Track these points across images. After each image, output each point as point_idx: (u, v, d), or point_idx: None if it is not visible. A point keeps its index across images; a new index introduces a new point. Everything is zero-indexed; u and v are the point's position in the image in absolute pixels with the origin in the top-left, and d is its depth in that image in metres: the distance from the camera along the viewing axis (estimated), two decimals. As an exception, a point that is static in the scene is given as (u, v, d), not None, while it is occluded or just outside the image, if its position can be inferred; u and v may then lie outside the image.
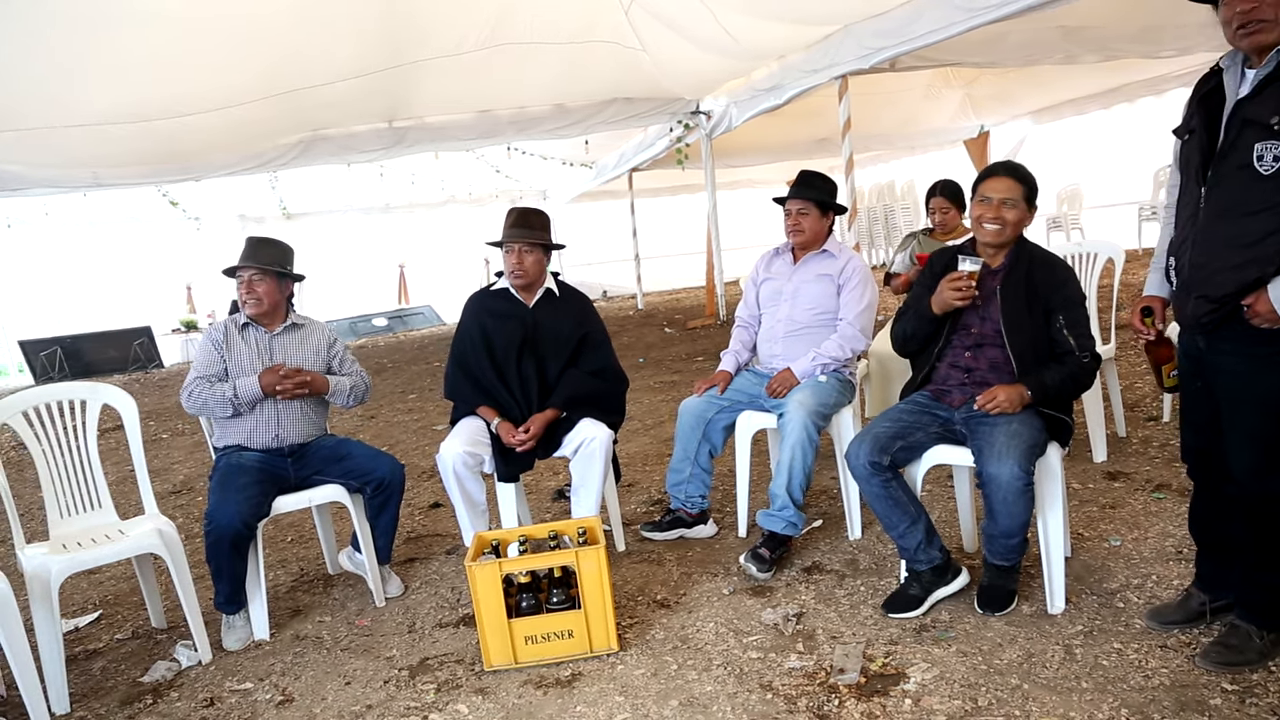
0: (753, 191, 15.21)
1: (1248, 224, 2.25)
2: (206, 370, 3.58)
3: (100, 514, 3.50)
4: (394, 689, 2.92)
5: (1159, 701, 2.38)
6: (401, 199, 15.56)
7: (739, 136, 10.11)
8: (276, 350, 3.68)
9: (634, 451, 5.48)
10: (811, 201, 3.88)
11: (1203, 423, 2.56)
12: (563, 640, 2.94)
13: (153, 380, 11.98)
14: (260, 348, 3.66)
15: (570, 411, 3.70)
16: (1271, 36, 2.22)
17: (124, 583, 4.19)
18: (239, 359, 3.61)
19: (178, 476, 6.28)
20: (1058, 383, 2.90)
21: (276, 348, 3.68)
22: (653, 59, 8.09)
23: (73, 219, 13.24)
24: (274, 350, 3.67)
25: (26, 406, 3.36)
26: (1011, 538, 2.87)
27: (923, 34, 5.97)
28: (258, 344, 3.66)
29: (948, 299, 2.99)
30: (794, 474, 3.50)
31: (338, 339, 3.88)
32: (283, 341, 3.70)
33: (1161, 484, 3.88)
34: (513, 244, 3.71)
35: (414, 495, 5.15)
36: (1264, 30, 2.22)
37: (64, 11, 5.57)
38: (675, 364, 8.50)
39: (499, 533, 3.26)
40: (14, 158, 7.96)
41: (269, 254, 3.66)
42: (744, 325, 4.13)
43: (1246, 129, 2.23)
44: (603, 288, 17.39)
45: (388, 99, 8.27)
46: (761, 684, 2.69)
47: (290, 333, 3.73)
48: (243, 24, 6.17)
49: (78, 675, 3.28)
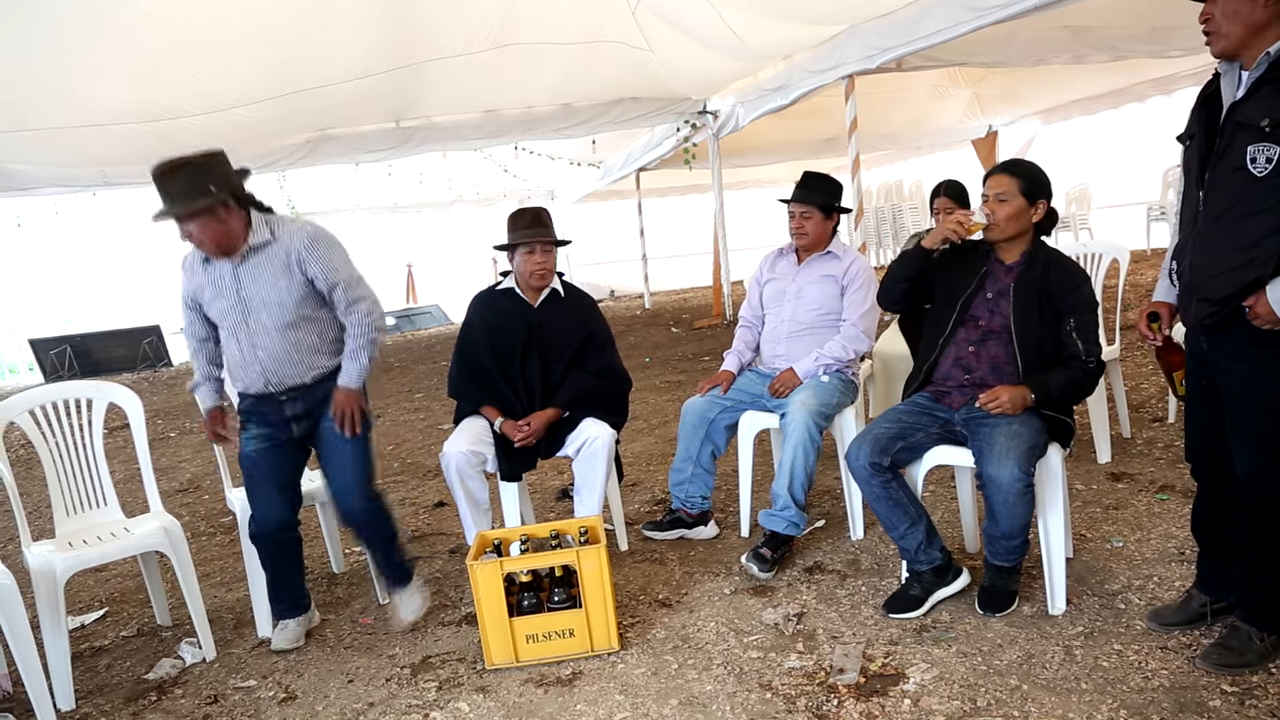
0: (760, 191, 15.20)
1: (1245, 226, 2.26)
2: (190, 335, 3.28)
3: (106, 512, 3.52)
4: (396, 687, 2.94)
5: (1158, 703, 2.38)
6: (409, 198, 15.60)
7: (746, 136, 10.10)
8: (245, 283, 3.08)
9: (638, 451, 5.48)
10: (814, 205, 3.88)
11: (1206, 422, 2.56)
12: (564, 639, 2.95)
13: (161, 379, 12.04)
14: (224, 285, 3.11)
15: (573, 411, 3.71)
16: (1219, 46, 2.29)
17: (129, 580, 4.21)
18: (211, 302, 3.16)
19: (184, 475, 6.31)
20: (1061, 386, 2.89)
21: (245, 280, 3.09)
22: (659, 59, 8.09)
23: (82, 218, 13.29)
24: (242, 284, 3.09)
25: (33, 405, 3.38)
26: (1012, 539, 2.87)
27: (929, 34, 5.95)
28: (223, 279, 3.12)
29: (942, 232, 3.00)
30: (796, 474, 3.51)
31: (318, 243, 3.11)
32: (251, 272, 3.08)
33: (1165, 485, 3.87)
34: (534, 243, 3.69)
35: (418, 494, 5.18)
36: (1214, 39, 2.29)
37: (73, 13, 5.60)
38: (681, 364, 8.50)
39: (501, 532, 3.27)
40: (24, 157, 8.02)
41: (181, 187, 2.96)
42: (747, 325, 4.14)
43: (1240, 132, 2.24)
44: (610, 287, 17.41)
45: (395, 99, 8.29)
46: (761, 683, 2.69)
47: (256, 257, 3.08)
48: (251, 25, 6.20)
49: (83, 672, 3.30)
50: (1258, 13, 2.22)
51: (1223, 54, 2.31)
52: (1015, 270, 3.02)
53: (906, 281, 3.14)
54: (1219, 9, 2.26)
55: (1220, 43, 2.28)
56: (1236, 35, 2.25)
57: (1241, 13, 2.22)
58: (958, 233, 2.97)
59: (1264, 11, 2.21)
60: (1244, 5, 2.22)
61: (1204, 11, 2.31)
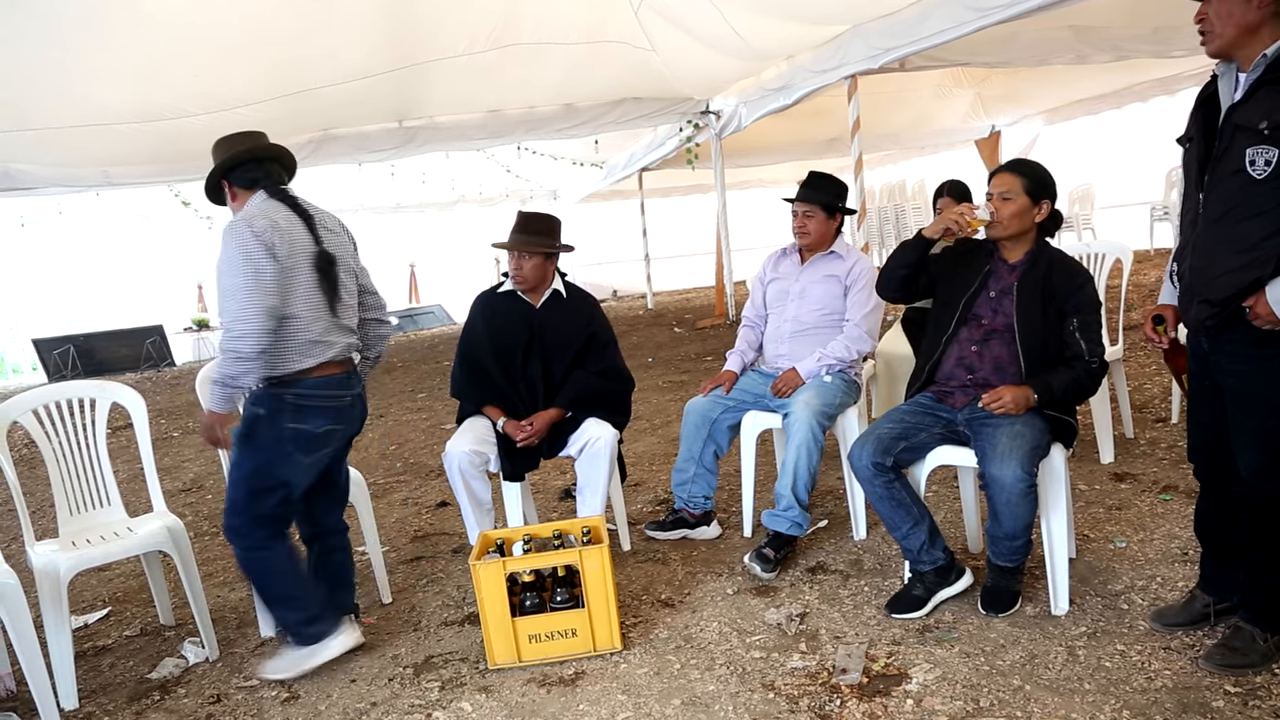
0: (763, 191, 15.18)
1: (1244, 228, 2.26)
2: None
3: (109, 511, 3.53)
4: (398, 686, 2.94)
5: (1161, 703, 2.38)
6: (412, 198, 15.59)
7: (749, 136, 10.10)
8: None
9: (641, 451, 5.48)
10: (818, 204, 3.88)
11: (1209, 423, 2.56)
12: (566, 639, 2.95)
13: (165, 379, 12.05)
14: None
15: (575, 411, 3.71)
16: (1213, 46, 2.30)
17: (133, 580, 4.22)
18: None
19: (188, 474, 6.32)
20: (1064, 386, 2.89)
21: None
22: (662, 59, 8.09)
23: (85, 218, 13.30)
24: None
25: (37, 405, 3.39)
26: (1015, 539, 2.87)
27: (932, 34, 5.94)
28: None
29: (944, 221, 3.00)
30: (799, 474, 3.50)
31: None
32: None
33: (1168, 485, 3.87)
34: (512, 249, 3.75)
35: (421, 494, 5.18)
36: (1208, 39, 2.31)
37: (73, 13, 5.61)
38: (684, 364, 8.50)
39: (504, 531, 3.27)
40: (27, 157, 8.01)
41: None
42: (750, 325, 4.14)
43: (1238, 134, 2.25)
44: (613, 287, 17.41)
45: (398, 99, 8.29)
46: (764, 683, 2.69)
47: None
48: (252, 25, 6.20)
49: (86, 671, 3.31)
50: (1250, 14, 2.23)
51: (1217, 54, 2.32)
52: (1019, 269, 3.02)
53: (906, 268, 3.13)
54: (1213, 9, 2.28)
55: (1215, 43, 2.30)
56: (1230, 36, 2.27)
57: (1235, 14, 2.24)
58: (960, 224, 2.96)
59: (1257, 13, 2.22)
60: (1237, 6, 2.23)
61: (1199, 12, 2.33)
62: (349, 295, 3.11)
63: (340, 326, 3.05)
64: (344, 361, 3.07)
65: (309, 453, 2.95)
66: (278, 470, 2.92)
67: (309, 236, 2.96)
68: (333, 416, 3.00)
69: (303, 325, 2.91)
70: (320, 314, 2.96)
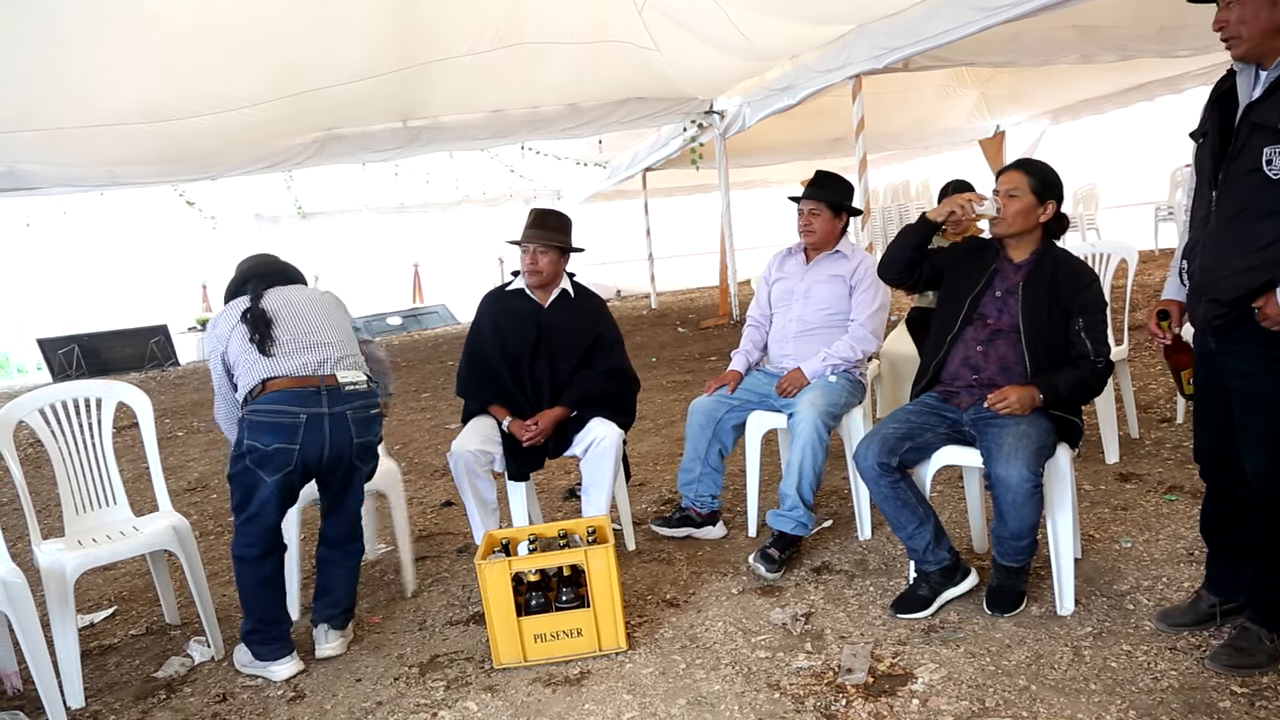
0: (767, 191, 15.18)
1: (1257, 228, 2.25)
2: None
3: (115, 510, 3.53)
4: (404, 686, 2.94)
5: (1167, 704, 2.37)
6: (416, 198, 15.59)
7: (753, 136, 10.09)
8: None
9: (645, 451, 5.49)
10: (824, 202, 3.88)
11: (1216, 423, 2.56)
12: (571, 639, 2.96)
13: (169, 378, 12.06)
14: None
15: (581, 411, 3.71)
16: (1240, 50, 2.29)
17: (138, 579, 4.23)
18: None
19: (192, 474, 6.32)
20: (1069, 386, 2.89)
21: None
22: (666, 59, 8.09)
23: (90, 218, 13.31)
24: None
25: (43, 404, 3.39)
26: (1021, 539, 2.87)
27: (937, 34, 5.94)
28: None
29: (950, 205, 2.99)
30: (804, 474, 3.50)
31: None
32: None
33: (1174, 486, 3.86)
34: (528, 244, 3.75)
35: (426, 493, 5.18)
36: (1234, 44, 2.29)
37: (77, 14, 5.62)
38: (688, 363, 8.50)
39: (509, 531, 3.28)
40: (32, 157, 8.03)
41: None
42: (755, 325, 4.14)
43: (1256, 133, 2.24)
44: (616, 287, 17.39)
45: (402, 99, 8.30)
46: (769, 683, 2.69)
47: None
48: (257, 26, 6.22)
49: (93, 670, 3.31)
50: (1276, 16, 2.22)
51: (1244, 57, 2.30)
52: (1024, 269, 3.02)
53: (911, 250, 3.12)
54: (1234, 15, 2.26)
55: (1241, 47, 2.28)
56: (1257, 39, 2.25)
57: (1261, 16, 2.23)
58: (965, 210, 2.96)
59: None
60: (1263, 9, 2.22)
61: (1218, 19, 2.30)
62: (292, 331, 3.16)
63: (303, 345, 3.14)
64: (304, 379, 3.08)
65: (269, 472, 3.00)
66: (245, 481, 3.03)
67: (242, 304, 3.21)
68: (285, 435, 2.99)
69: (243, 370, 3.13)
70: (254, 354, 3.11)
